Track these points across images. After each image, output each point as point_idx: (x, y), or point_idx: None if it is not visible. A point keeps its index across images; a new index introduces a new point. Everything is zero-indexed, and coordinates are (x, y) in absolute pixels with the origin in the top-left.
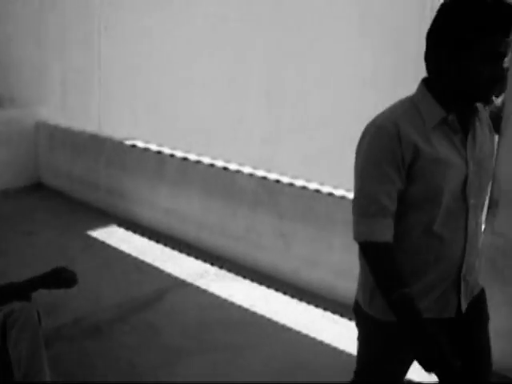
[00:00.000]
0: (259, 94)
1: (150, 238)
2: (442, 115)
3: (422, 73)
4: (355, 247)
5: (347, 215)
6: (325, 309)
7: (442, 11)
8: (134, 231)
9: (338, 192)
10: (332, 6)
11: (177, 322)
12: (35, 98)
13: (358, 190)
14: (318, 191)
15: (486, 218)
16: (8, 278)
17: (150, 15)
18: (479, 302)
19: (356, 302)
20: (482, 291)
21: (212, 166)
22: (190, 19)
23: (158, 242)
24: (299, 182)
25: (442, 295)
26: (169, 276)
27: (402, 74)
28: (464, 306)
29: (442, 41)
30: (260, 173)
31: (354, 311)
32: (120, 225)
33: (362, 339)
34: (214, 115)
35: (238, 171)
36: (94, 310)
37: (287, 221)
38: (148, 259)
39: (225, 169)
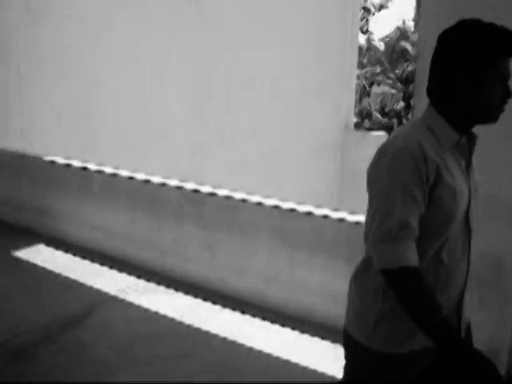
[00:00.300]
0: (184, 108)
1: (78, 254)
2: (456, 138)
3: (344, 85)
4: (280, 254)
5: (270, 222)
6: (253, 315)
7: (452, 37)
8: (62, 249)
9: (260, 200)
10: (255, 18)
11: (106, 338)
12: None
13: (386, 214)
14: (241, 200)
15: None
16: None
17: (70, 30)
18: (467, 333)
19: (347, 335)
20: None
21: (137, 179)
22: (112, 33)
23: (85, 258)
24: (222, 192)
25: None
26: (97, 292)
27: (326, 85)
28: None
29: (459, 66)
30: (185, 185)
31: (344, 345)
32: (47, 243)
33: (357, 372)
34: (138, 130)
35: (162, 184)
36: (20, 331)
37: (213, 231)
38: (76, 276)
39: (149, 182)
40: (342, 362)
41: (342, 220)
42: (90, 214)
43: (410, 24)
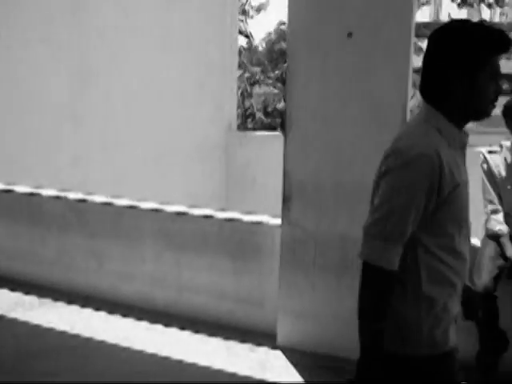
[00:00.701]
0: (64, 116)
1: None
2: (457, 134)
3: (225, 86)
4: (166, 257)
5: (155, 226)
6: (145, 319)
7: (444, 37)
8: None
9: (144, 204)
10: (133, 23)
11: None
12: None
13: (386, 213)
14: (126, 206)
15: (282, 212)
16: None
17: None
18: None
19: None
20: None
21: (17, 192)
22: None
23: None
24: (106, 200)
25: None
26: None
27: (208, 87)
28: None
29: (454, 63)
30: (67, 194)
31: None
32: None
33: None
34: (17, 140)
35: (42, 195)
36: None
37: (98, 239)
38: None
39: (31, 194)
40: (235, 357)
41: (225, 219)
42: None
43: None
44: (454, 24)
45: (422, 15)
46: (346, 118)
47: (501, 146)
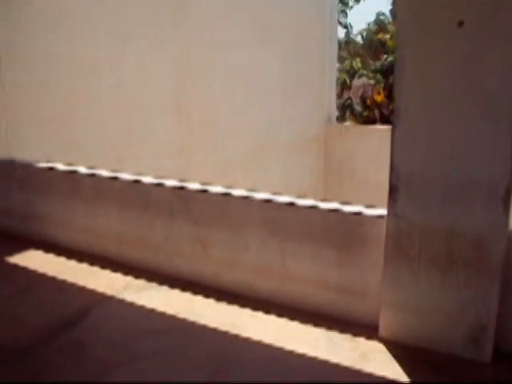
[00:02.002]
0: (168, 109)
1: (71, 257)
2: None
3: (325, 78)
4: (270, 246)
5: (260, 216)
6: (246, 306)
7: None
8: (54, 253)
9: (250, 194)
10: (234, 17)
11: (104, 336)
12: None
13: None
14: (229, 195)
15: (388, 203)
16: None
17: (51, 38)
18: None
19: None
20: None
21: (126, 180)
22: (95, 41)
23: (78, 260)
24: (211, 188)
25: None
26: (92, 292)
27: (308, 80)
28: None
29: None
30: (173, 182)
31: None
32: (38, 248)
33: None
34: (125, 132)
35: (150, 183)
36: (19, 334)
37: (203, 226)
38: (70, 279)
39: (139, 182)
40: (336, 347)
41: (330, 210)
42: (80, 216)
43: (388, 16)
44: None
45: None
46: (455, 111)
47: None
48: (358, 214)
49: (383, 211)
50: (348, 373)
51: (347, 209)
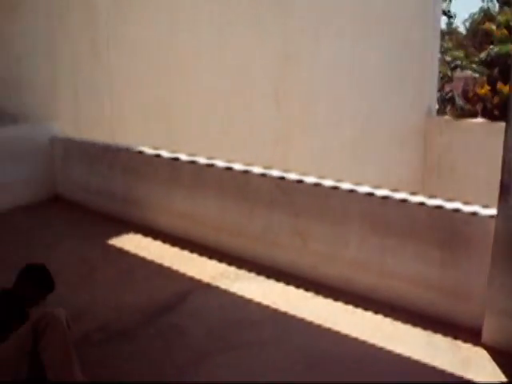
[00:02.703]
0: (267, 99)
1: (169, 242)
2: None
3: (426, 70)
4: (370, 241)
5: (362, 209)
6: (342, 301)
7: None
8: (153, 237)
9: (351, 187)
10: (335, 7)
11: (200, 323)
12: (48, 113)
13: None
14: (331, 187)
15: (499, 203)
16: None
17: (154, 27)
18: None
19: None
20: None
21: (226, 168)
22: (196, 29)
23: (176, 246)
24: (312, 180)
25: None
26: (190, 279)
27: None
28: None
29: None
30: (274, 172)
31: None
32: (138, 232)
33: None
34: (225, 120)
35: (251, 172)
36: (119, 315)
37: (303, 218)
38: (168, 263)
39: (238, 170)
40: (435, 350)
41: (434, 207)
42: (180, 202)
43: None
44: None
45: None
46: None
47: None
48: (465, 212)
49: (492, 211)
50: (447, 378)
51: (453, 206)
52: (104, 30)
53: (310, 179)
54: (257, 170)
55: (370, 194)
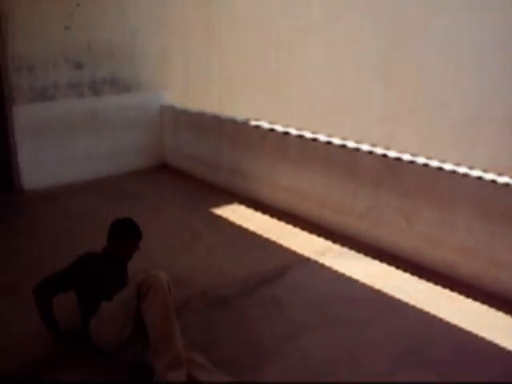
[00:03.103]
0: (376, 76)
1: (272, 215)
2: None
3: None
4: (478, 227)
5: (471, 193)
6: (445, 287)
7: None
8: (256, 209)
9: (461, 170)
10: None
11: (300, 297)
12: (159, 82)
13: None
14: (439, 169)
15: None
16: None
17: (264, 2)
18: None
19: None
20: None
21: (333, 144)
22: (307, 3)
23: (279, 219)
24: (421, 160)
25: None
26: (292, 252)
27: None
28: None
29: None
30: (382, 151)
31: None
32: (242, 203)
33: None
34: (332, 96)
35: (358, 149)
36: (220, 283)
37: (409, 199)
38: (271, 236)
39: (346, 147)
40: None
41: None
42: (286, 177)
43: None
44: None
45: None
46: None
47: None
48: None
49: None
50: None
51: None
52: (216, 6)
53: (419, 159)
54: (365, 147)
55: (480, 178)
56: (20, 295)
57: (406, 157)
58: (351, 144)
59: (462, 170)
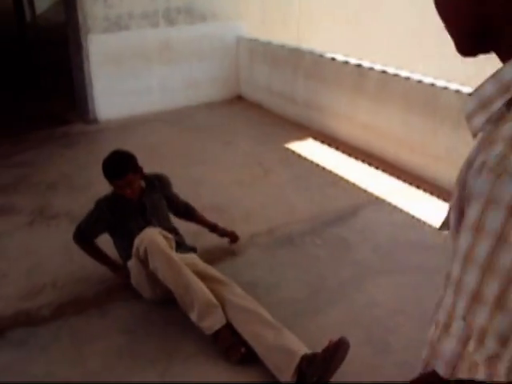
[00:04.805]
0: None
1: (347, 152)
2: None
3: None
4: None
5: None
6: None
7: None
8: (331, 145)
9: None
10: None
11: (369, 239)
12: (236, 12)
13: None
14: None
15: None
16: (207, 183)
17: None
18: None
19: None
20: None
21: (413, 80)
22: None
23: (354, 157)
24: None
25: None
26: (364, 192)
27: None
28: None
29: None
30: (466, 89)
31: None
32: (316, 138)
33: None
34: (415, 31)
35: (442, 87)
36: (287, 220)
37: None
38: (343, 174)
39: (428, 84)
40: None
41: None
42: (363, 113)
43: None
44: None
45: None
46: None
47: None
48: None
49: None
50: None
51: None
52: None
53: None
54: (448, 85)
55: None
56: None
57: None
58: (431, 80)
59: None
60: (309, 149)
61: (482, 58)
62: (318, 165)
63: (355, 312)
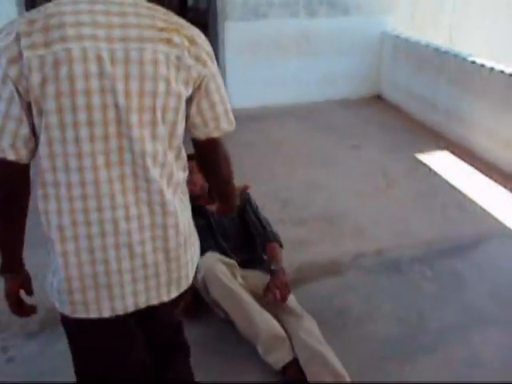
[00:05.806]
0: None
1: (483, 171)
2: None
3: None
4: None
5: None
6: None
7: None
8: (468, 161)
9: None
10: None
11: (487, 280)
12: (382, 6)
13: None
14: None
15: None
16: (323, 189)
17: None
18: None
19: None
20: None
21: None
22: None
23: (490, 177)
24: None
25: None
26: (494, 220)
27: None
28: None
29: None
30: None
31: None
32: (452, 151)
33: None
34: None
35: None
36: (399, 242)
37: None
38: (474, 196)
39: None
40: None
41: None
42: (508, 129)
43: None
44: None
45: None
46: None
47: None
48: None
49: None
50: None
51: None
52: None
53: None
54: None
55: None
56: None
57: None
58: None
59: None
60: (441, 162)
61: None
62: (447, 182)
63: (451, 367)
